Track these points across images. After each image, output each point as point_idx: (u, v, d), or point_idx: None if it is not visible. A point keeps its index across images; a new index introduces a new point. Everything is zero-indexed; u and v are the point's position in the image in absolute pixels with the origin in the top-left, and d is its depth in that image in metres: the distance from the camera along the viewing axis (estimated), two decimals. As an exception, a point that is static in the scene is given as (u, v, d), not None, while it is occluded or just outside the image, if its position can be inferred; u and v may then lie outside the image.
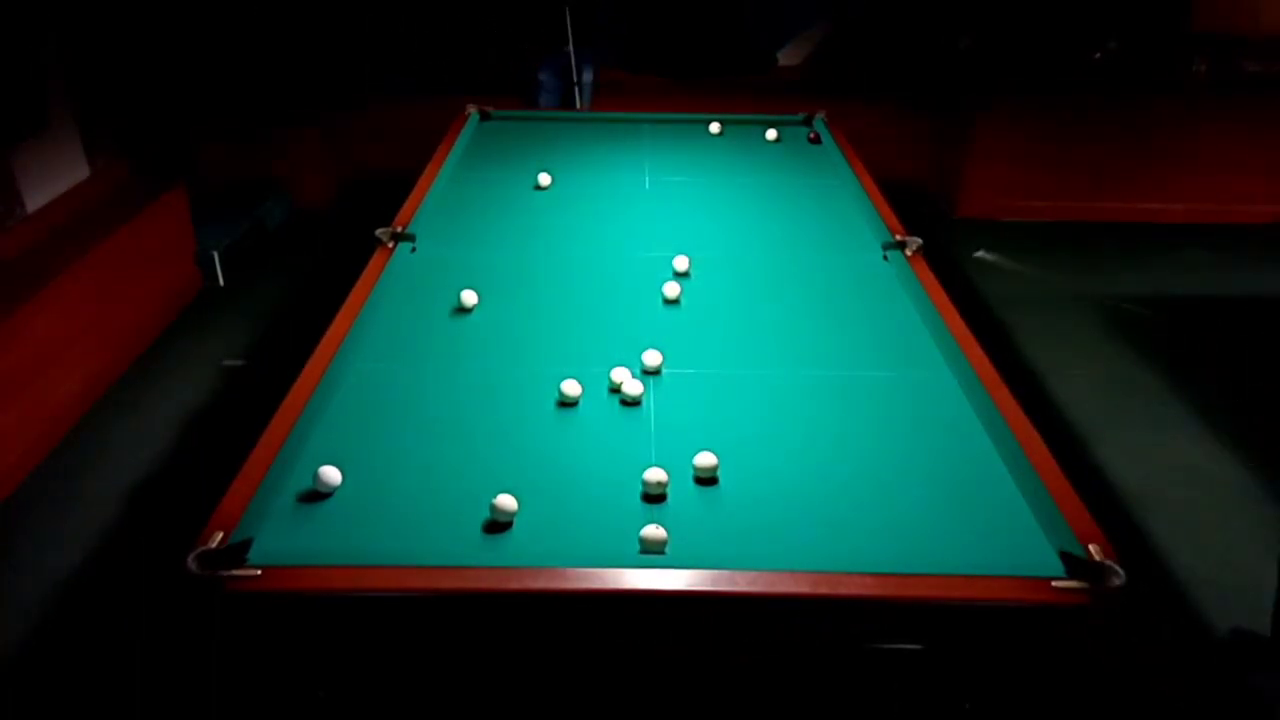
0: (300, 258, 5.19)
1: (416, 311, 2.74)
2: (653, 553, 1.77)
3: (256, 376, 4.00)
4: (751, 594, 1.65)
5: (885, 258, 3.10)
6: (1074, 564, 1.72)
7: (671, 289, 2.83)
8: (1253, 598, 2.93)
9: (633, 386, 2.29)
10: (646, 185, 3.76)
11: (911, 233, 3.17)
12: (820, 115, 4.46)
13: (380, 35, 5.72)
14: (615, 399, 2.30)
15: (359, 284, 2.78)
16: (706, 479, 2.00)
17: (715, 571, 1.68)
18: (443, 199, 3.54)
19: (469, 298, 2.74)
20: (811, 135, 4.31)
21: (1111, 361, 4.25)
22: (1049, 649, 1.71)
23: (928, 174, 5.92)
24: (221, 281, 4.82)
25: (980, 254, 3.22)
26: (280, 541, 1.78)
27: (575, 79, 5.43)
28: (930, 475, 2.05)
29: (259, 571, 1.66)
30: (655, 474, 1.95)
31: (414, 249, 3.09)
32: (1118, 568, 1.68)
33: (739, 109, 4.65)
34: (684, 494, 1.97)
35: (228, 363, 4.12)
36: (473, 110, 4.45)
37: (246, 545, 1.72)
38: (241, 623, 1.69)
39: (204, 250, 4.76)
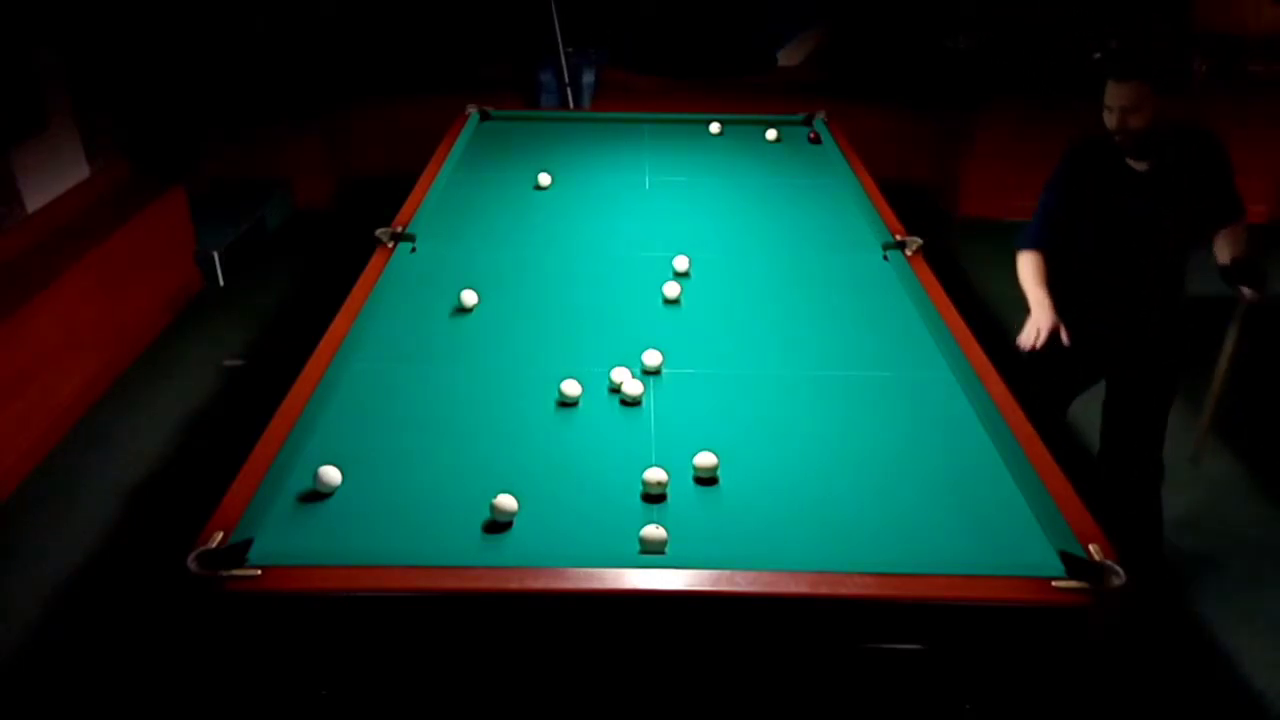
0: (300, 258, 5.19)
1: (416, 311, 2.74)
2: (653, 553, 1.77)
3: (256, 376, 4.00)
4: (751, 594, 1.65)
5: (885, 258, 3.10)
6: (1074, 564, 1.72)
7: (671, 289, 2.83)
8: (1253, 597, 2.93)
9: (633, 386, 2.29)
10: (646, 185, 3.76)
11: (911, 233, 3.17)
12: (820, 115, 4.46)
13: (380, 35, 5.72)
14: (615, 399, 2.30)
15: (359, 284, 2.78)
16: (706, 479, 2.00)
17: (715, 571, 1.68)
18: (443, 199, 3.54)
19: (469, 298, 2.74)
20: (811, 135, 4.31)
21: (1111, 361, 4.25)
22: (1049, 649, 1.71)
23: (928, 174, 5.92)
24: (221, 281, 4.83)
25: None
26: (280, 541, 1.78)
27: (568, 79, 5.44)
28: (930, 475, 2.05)
29: (259, 571, 1.66)
30: (655, 474, 1.95)
31: (414, 249, 3.09)
32: (1118, 568, 1.68)
33: (739, 109, 4.66)
34: (684, 494, 1.97)
35: (228, 363, 4.12)
36: (473, 110, 4.45)
37: (247, 545, 1.72)
38: (241, 623, 1.69)
39: (204, 250, 4.76)
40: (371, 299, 2.70)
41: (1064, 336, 2.57)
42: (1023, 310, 2.67)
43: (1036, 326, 2.59)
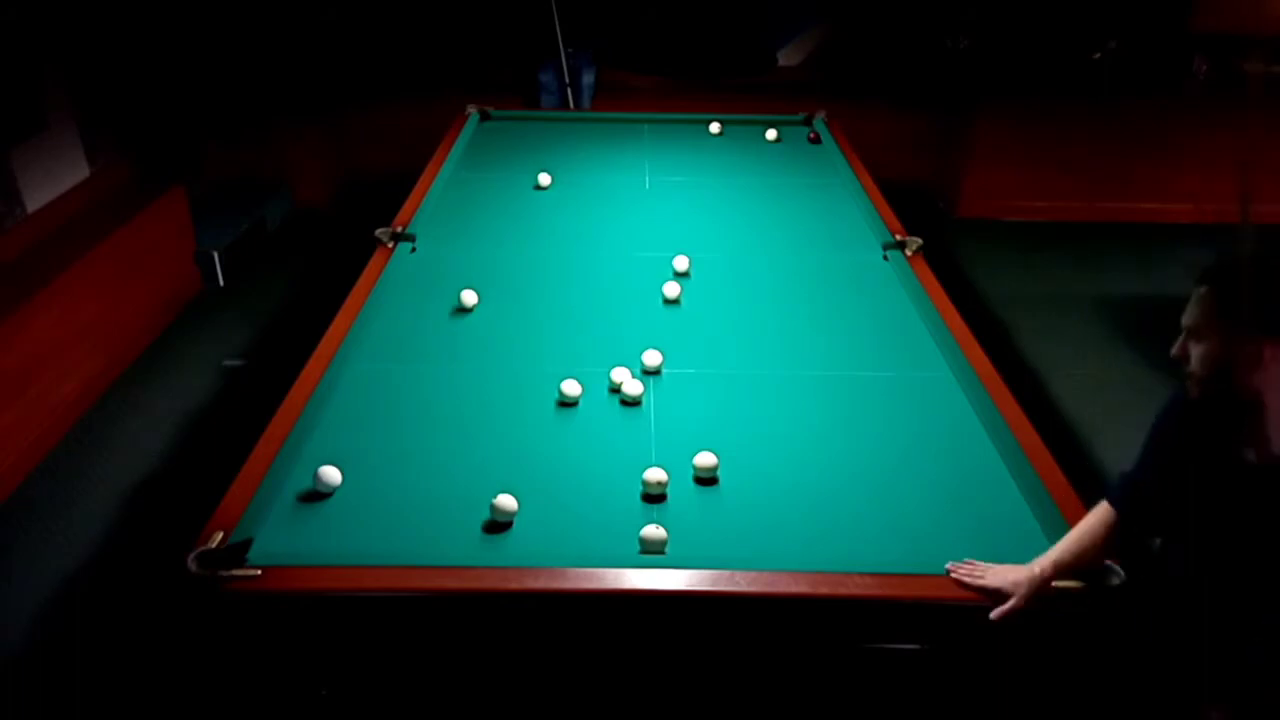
0: (300, 258, 5.19)
1: (416, 311, 2.74)
2: (653, 553, 1.77)
3: (256, 376, 4.00)
4: (751, 594, 1.65)
5: (885, 258, 3.10)
6: (1074, 564, 1.72)
7: (671, 289, 2.83)
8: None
9: (633, 386, 2.29)
10: (646, 185, 3.76)
11: (911, 233, 3.17)
12: (820, 115, 4.46)
13: (380, 35, 5.71)
14: (615, 399, 2.30)
15: (359, 284, 2.78)
16: (706, 479, 2.00)
17: (715, 571, 1.68)
18: (443, 199, 3.54)
19: (469, 298, 2.74)
20: (811, 135, 4.31)
21: (1111, 361, 4.25)
22: (1049, 649, 1.71)
23: (928, 174, 5.92)
24: (221, 281, 4.82)
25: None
26: (280, 541, 1.78)
27: (569, 80, 5.44)
28: (930, 475, 2.05)
29: (259, 571, 1.66)
30: (655, 474, 1.95)
31: (414, 249, 3.09)
32: (1117, 568, 1.68)
33: (739, 109, 4.66)
34: (684, 494, 1.97)
35: (228, 363, 4.11)
36: (473, 110, 4.45)
37: (246, 545, 1.72)
38: (241, 623, 1.69)
39: (204, 250, 4.76)
40: (371, 299, 2.71)
41: (996, 611, 1.63)
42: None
43: (991, 579, 1.67)
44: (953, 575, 1.69)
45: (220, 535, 1.73)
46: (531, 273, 3.00)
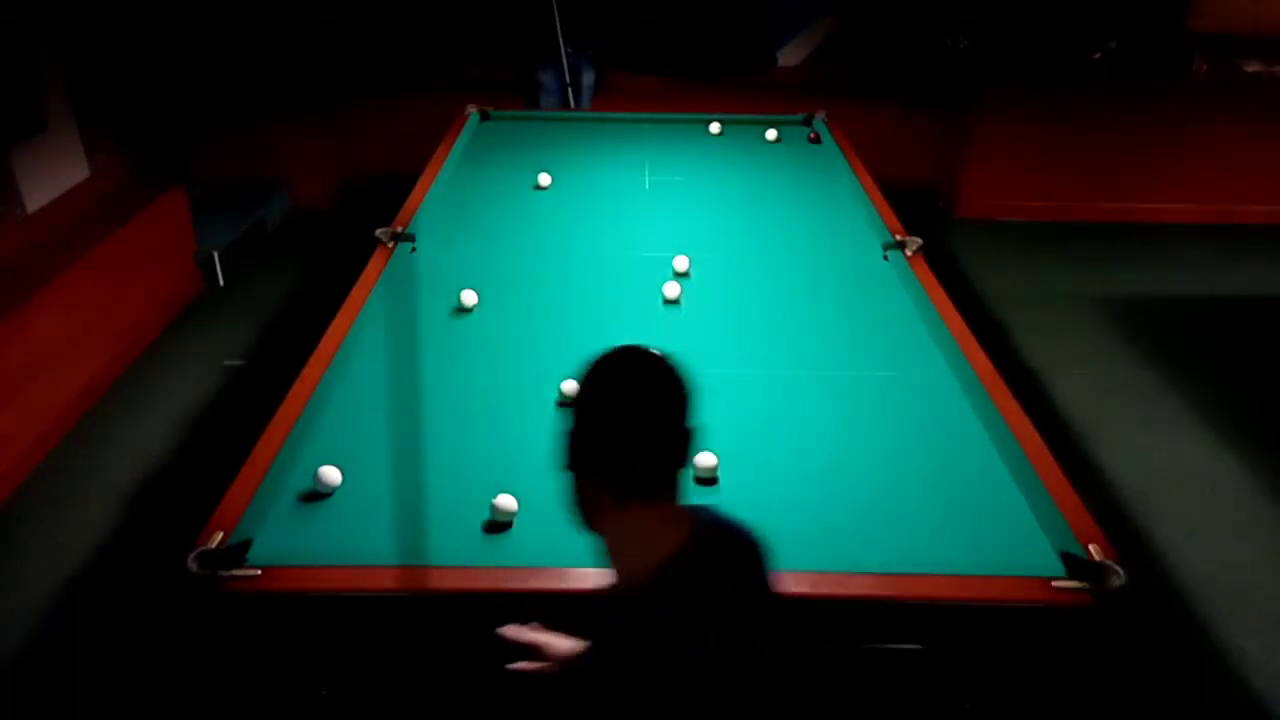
0: (300, 258, 5.19)
1: (416, 311, 2.74)
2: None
3: (256, 376, 4.00)
4: (751, 594, 1.65)
5: (885, 258, 3.10)
6: (1074, 564, 1.72)
7: (671, 289, 2.83)
8: (1253, 598, 2.93)
9: (633, 386, 2.28)
10: (646, 185, 3.76)
11: (911, 233, 3.17)
12: (820, 115, 4.46)
13: (380, 34, 5.72)
14: (615, 399, 2.29)
15: (359, 284, 2.78)
16: (706, 479, 2.00)
17: (715, 571, 1.67)
18: (443, 199, 3.54)
19: (469, 298, 2.75)
20: (811, 135, 4.31)
21: (1111, 361, 4.25)
22: (1049, 649, 1.71)
23: (928, 174, 5.92)
24: (221, 281, 4.82)
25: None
26: (280, 541, 1.78)
27: (570, 80, 5.44)
28: (930, 475, 2.05)
29: (259, 571, 1.66)
30: (655, 474, 1.94)
31: (414, 249, 3.09)
32: (1118, 568, 1.68)
33: (739, 109, 4.66)
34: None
35: (228, 363, 4.11)
36: (473, 110, 4.45)
37: (246, 545, 1.72)
38: (241, 623, 1.69)
39: (204, 250, 4.76)
40: (371, 299, 2.70)
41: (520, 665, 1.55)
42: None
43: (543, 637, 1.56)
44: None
45: (220, 535, 1.73)
46: (531, 273, 3.00)
